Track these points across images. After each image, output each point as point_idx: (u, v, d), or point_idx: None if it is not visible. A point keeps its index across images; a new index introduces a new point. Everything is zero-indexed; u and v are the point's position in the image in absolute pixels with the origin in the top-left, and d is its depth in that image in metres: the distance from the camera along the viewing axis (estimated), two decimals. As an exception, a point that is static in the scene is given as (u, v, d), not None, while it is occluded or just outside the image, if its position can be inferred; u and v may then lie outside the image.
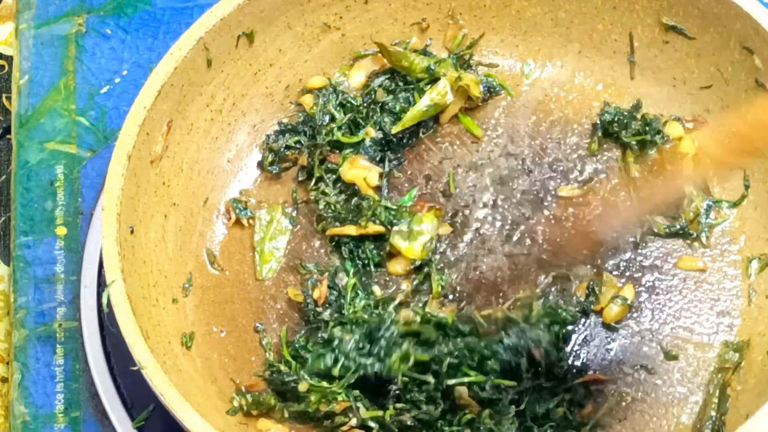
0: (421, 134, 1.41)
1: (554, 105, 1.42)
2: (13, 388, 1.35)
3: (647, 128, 1.37)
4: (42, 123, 1.47)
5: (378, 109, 1.39)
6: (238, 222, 1.37)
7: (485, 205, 1.37)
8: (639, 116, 1.39)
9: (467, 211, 1.37)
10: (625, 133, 1.38)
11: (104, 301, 1.19)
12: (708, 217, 1.34)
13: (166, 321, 1.25)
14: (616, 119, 1.38)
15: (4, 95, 1.59)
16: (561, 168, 1.39)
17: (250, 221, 1.37)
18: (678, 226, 1.34)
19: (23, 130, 1.47)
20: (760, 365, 1.26)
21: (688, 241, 1.34)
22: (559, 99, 1.43)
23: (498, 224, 1.36)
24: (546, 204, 1.37)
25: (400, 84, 1.41)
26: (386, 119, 1.39)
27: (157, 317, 1.24)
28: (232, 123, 1.39)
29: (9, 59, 1.59)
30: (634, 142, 1.37)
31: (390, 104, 1.39)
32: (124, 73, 1.50)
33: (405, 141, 1.40)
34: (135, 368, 1.16)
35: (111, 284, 1.18)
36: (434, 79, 1.40)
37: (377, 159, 1.38)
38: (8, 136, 1.53)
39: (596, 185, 1.37)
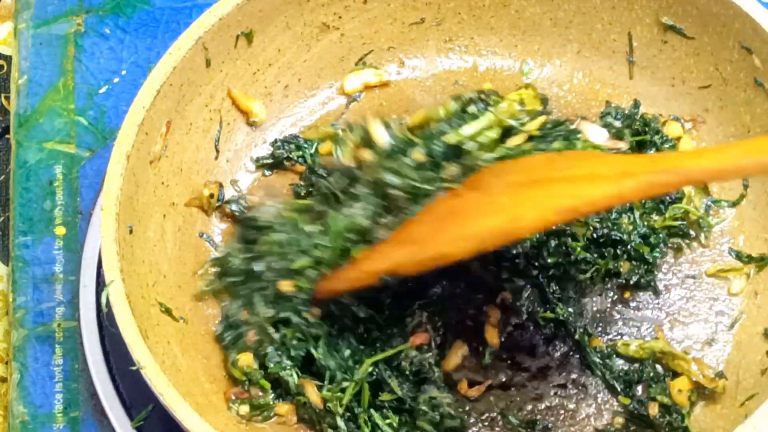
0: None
1: (553, 104, 1.42)
2: (12, 388, 1.35)
3: (646, 128, 1.37)
4: (41, 123, 1.47)
5: None
6: (234, 219, 1.37)
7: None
8: (638, 116, 1.39)
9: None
10: (625, 134, 1.38)
11: (103, 301, 1.19)
12: (707, 217, 1.34)
13: (165, 321, 1.25)
14: (616, 119, 1.38)
15: (3, 95, 1.59)
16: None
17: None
18: (678, 225, 1.34)
19: (22, 130, 1.47)
20: (759, 365, 1.26)
21: (687, 241, 1.34)
22: (558, 99, 1.43)
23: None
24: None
25: None
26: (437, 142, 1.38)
27: (156, 317, 1.24)
28: (231, 123, 1.39)
29: (8, 59, 1.59)
30: (633, 143, 1.37)
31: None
32: (123, 72, 1.50)
33: None
34: (134, 368, 1.16)
35: (110, 284, 1.18)
36: None
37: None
38: (7, 136, 1.53)
39: None
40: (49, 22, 1.53)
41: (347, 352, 1.24)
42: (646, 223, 1.32)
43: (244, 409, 1.25)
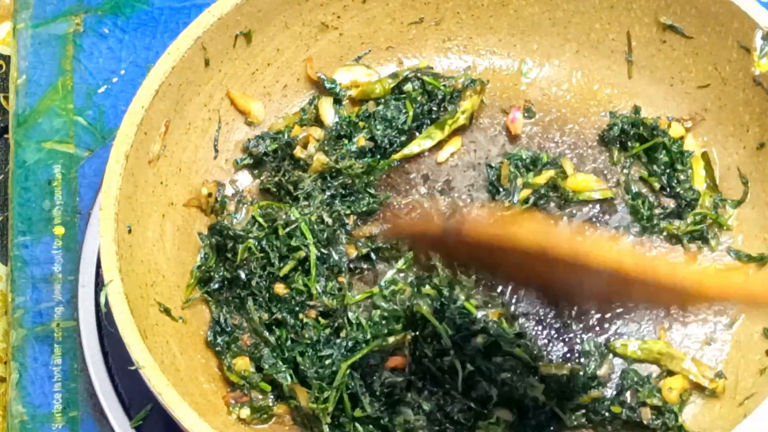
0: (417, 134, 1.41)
1: (552, 104, 1.42)
2: (11, 388, 1.35)
3: (654, 132, 1.37)
4: (40, 122, 1.47)
5: (371, 117, 1.39)
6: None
7: (483, 204, 1.37)
8: (639, 122, 1.38)
9: (465, 210, 1.37)
10: (631, 143, 1.37)
11: (102, 300, 1.19)
12: (721, 217, 1.34)
13: (164, 321, 1.25)
14: (623, 129, 1.38)
15: (1, 95, 1.59)
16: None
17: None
18: (699, 229, 1.33)
19: (21, 130, 1.47)
20: (758, 364, 1.26)
21: (705, 244, 1.33)
22: (557, 98, 1.43)
23: (496, 223, 1.36)
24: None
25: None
26: (378, 127, 1.39)
27: (154, 317, 1.24)
28: (229, 122, 1.39)
29: (7, 59, 1.59)
30: (642, 151, 1.37)
31: (382, 112, 1.40)
32: (122, 72, 1.50)
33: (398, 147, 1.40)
34: (133, 368, 1.16)
35: (109, 284, 1.17)
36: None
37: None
38: (6, 136, 1.53)
39: None
40: (47, 21, 1.53)
41: (328, 361, 1.25)
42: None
43: (245, 412, 1.25)
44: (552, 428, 1.23)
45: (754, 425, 1.15)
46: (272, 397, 1.26)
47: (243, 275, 1.29)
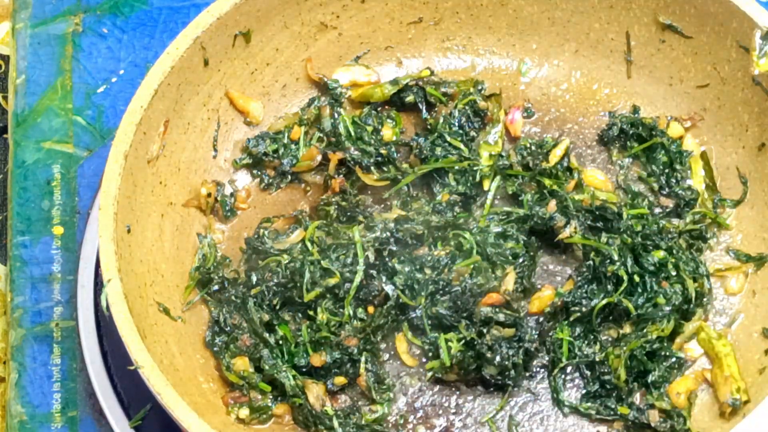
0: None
1: (551, 104, 1.42)
2: (10, 388, 1.35)
3: (652, 132, 1.37)
4: (39, 122, 1.47)
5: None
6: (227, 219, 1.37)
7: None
8: (638, 122, 1.38)
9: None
10: (630, 142, 1.38)
11: (103, 303, 1.19)
12: (720, 216, 1.34)
13: (163, 320, 1.25)
14: (622, 129, 1.38)
15: (0, 94, 1.59)
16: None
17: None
18: (698, 228, 1.33)
19: (20, 130, 1.47)
20: (757, 364, 1.26)
21: (705, 244, 1.34)
22: (556, 98, 1.43)
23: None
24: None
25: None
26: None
27: (153, 317, 1.24)
28: (229, 122, 1.39)
29: (6, 58, 1.59)
30: (641, 151, 1.37)
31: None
32: (121, 72, 1.50)
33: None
34: (132, 368, 1.16)
35: (108, 283, 1.17)
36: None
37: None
38: (5, 136, 1.53)
39: None
40: (47, 21, 1.53)
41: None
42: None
43: (244, 412, 1.25)
44: None
45: (754, 425, 1.15)
46: (272, 397, 1.26)
47: (254, 278, 1.29)
